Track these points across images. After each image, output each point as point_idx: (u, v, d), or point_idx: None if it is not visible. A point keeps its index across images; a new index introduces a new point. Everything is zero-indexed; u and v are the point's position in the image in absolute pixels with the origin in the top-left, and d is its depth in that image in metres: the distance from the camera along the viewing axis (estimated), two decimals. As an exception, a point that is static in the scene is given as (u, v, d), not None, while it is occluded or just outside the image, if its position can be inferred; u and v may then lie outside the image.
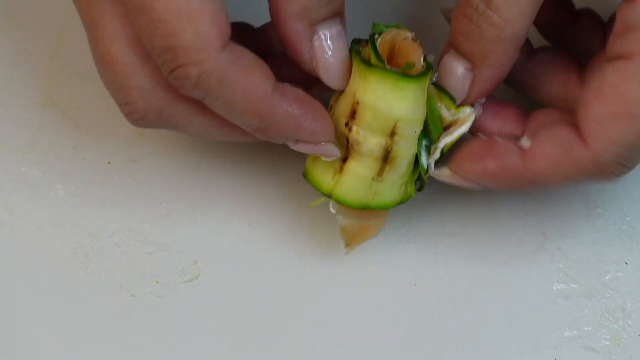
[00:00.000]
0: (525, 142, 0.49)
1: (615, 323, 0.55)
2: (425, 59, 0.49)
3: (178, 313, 0.54)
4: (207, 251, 0.56)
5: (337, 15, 0.47)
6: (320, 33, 0.47)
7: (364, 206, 0.52)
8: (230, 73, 0.45)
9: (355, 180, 0.51)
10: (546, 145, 0.48)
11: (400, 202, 0.52)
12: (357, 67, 0.49)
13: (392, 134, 0.49)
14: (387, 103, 0.48)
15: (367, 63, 0.48)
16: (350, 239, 0.54)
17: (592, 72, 0.51)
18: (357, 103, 0.49)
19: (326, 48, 0.48)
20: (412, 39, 0.49)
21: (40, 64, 0.55)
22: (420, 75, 0.48)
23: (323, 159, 0.50)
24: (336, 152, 0.50)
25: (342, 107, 0.50)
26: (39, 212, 0.56)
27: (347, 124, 0.50)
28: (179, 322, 0.54)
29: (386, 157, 0.50)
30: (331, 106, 0.51)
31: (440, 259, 0.56)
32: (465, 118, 0.51)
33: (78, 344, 0.54)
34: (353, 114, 0.49)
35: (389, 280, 0.56)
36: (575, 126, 0.48)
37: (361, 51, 0.50)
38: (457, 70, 0.49)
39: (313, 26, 0.47)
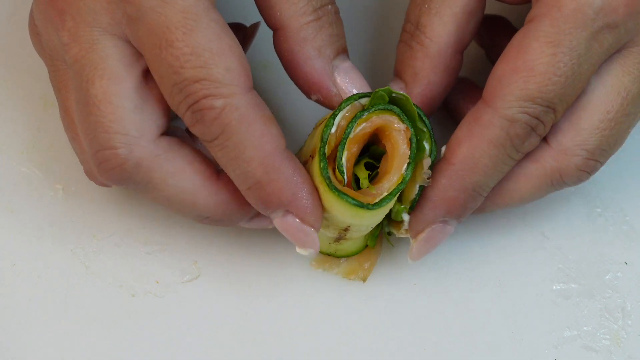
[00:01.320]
0: (443, 149, 0.49)
1: (615, 323, 0.55)
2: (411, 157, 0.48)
3: (178, 313, 0.54)
4: (207, 251, 0.56)
5: (343, 52, 0.51)
6: (337, 68, 0.50)
7: (329, 254, 0.54)
8: (252, 114, 0.45)
9: None
10: (457, 132, 0.49)
11: (366, 247, 0.54)
12: (319, 180, 0.48)
13: (346, 229, 0.50)
14: (344, 217, 0.49)
15: (330, 184, 0.47)
16: (362, 275, 0.55)
17: None
18: None
19: (347, 78, 0.50)
20: (404, 130, 0.49)
21: (41, 64, 0.55)
22: (382, 203, 0.48)
23: (297, 250, 0.50)
24: (316, 246, 0.49)
25: None
26: (39, 212, 0.56)
27: None
28: (179, 322, 0.54)
29: (339, 239, 0.52)
30: None
31: (440, 259, 0.56)
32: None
33: (78, 344, 0.54)
34: None
35: (389, 280, 0.56)
36: (482, 100, 0.48)
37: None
38: None
39: (330, 63, 0.50)
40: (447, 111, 0.56)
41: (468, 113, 0.49)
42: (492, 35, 0.57)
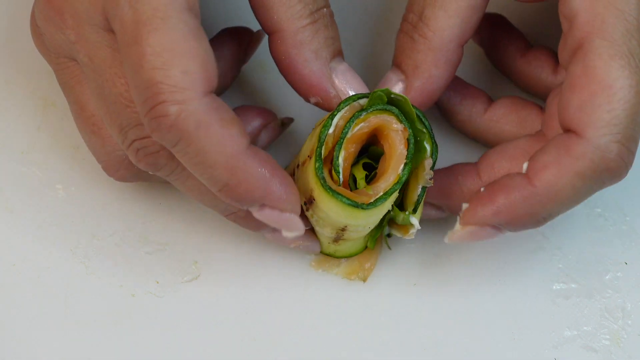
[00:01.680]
0: (525, 166, 0.48)
1: (615, 323, 0.55)
2: (409, 156, 0.48)
3: (178, 313, 0.54)
4: (207, 251, 0.56)
5: (339, 54, 0.51)
6: (335, 70, 0.50)
7: (329, 254, 0.54)
8: (209, 119, 0.44)
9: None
10: (543, 155, 0.47)
11: (366, 248, 0.54)
12: (314, 180, 0.48)
13: (344, 229, 0.50)
14: (339, 217, 0.49)
15: (324, 184, 0.47)
16: (362, 276, 0.55)
17: (552, 98, 0.52)
18: (313, 199, 0.49)
19: (345, 80, 0.50)
20: (402, 130, 0.48)
21: (41, 64, 0.55)
22: (377, 202, 0.48)
23: (284, 233, 0.49)
24: (300, 227, 0.48)
25: (301, 184, 0.50)
26: (39, 212, 0.56)
27: (305, 203, 0.50)
28: (179, 322, 0.54)
29: (337, 239, 0.52)
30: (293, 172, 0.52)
31: (440, 259, 0.56)
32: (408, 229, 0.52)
33: (78, 344, 0.54)
34: (309, 202, 0.50)
35: (389, 280, 0.56)
36: (566, 132, 0.47)
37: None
38: (391, 83, 0.52)
39: (327, 65, 0.50)
40: (438, 109, 0.56)
41: (556, 137, 0.47)
42: (491, 33, 0.57)
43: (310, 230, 0.52)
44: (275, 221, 0.48)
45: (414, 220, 0.50)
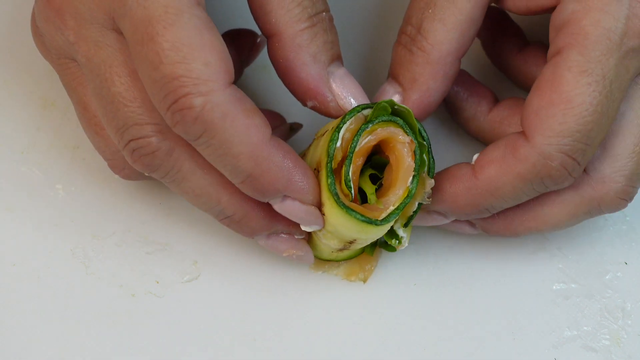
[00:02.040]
0: (475, 157, 0.50)
1: (614, 323, 0.55)
2: (416, 174, 0.48)
3: (178, 313, 0.54)
4: (207, 251, 0.56)
5: (338, 58, 0.50)
6: (332, 74, 0.50)
7: (330, 260, 0.54)
8: (234, 109, 0.45)
9: (317, 245, 0.53)
10: (492, 150, 0.49)
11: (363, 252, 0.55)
12: (327, 195, 0.48)
13: (352, 242, 0.50)
14: (350, 232, 0.49)
15: (338, 201, 0.47)
16: (362, 277, 0.55)
17: None
18: (323, 213, 0.49)
19: (342, 85, 0.50)
20: (409, 142, 0.48)
21: (41, 64, 0.55)
22: (390, 218, 0.48)
23: (303, 227, 0.50)
24: (320, 222, 0.49)
25: None
26: (39, 212, 0.56)
27: None
28: (179, 322, 0.54)
29: (343, 249, 0.52)
30: None
31: (440, 259, 0.56)
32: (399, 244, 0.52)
33: (78, 344, 0.54)
34: None
35: (389, 280, 0.56)
36: (520, 132, 0.48)
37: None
38: (388, 95, 0.52)
39: (325, 69, 0.49)
40: (444, 105, 0.56)
41: (509, 135, 0.48)
42: (490, 27, 0.57)
43: (304, 240, 0.52)
44: (296, 213, 0.48)
45: (401, 232, 0.51)
